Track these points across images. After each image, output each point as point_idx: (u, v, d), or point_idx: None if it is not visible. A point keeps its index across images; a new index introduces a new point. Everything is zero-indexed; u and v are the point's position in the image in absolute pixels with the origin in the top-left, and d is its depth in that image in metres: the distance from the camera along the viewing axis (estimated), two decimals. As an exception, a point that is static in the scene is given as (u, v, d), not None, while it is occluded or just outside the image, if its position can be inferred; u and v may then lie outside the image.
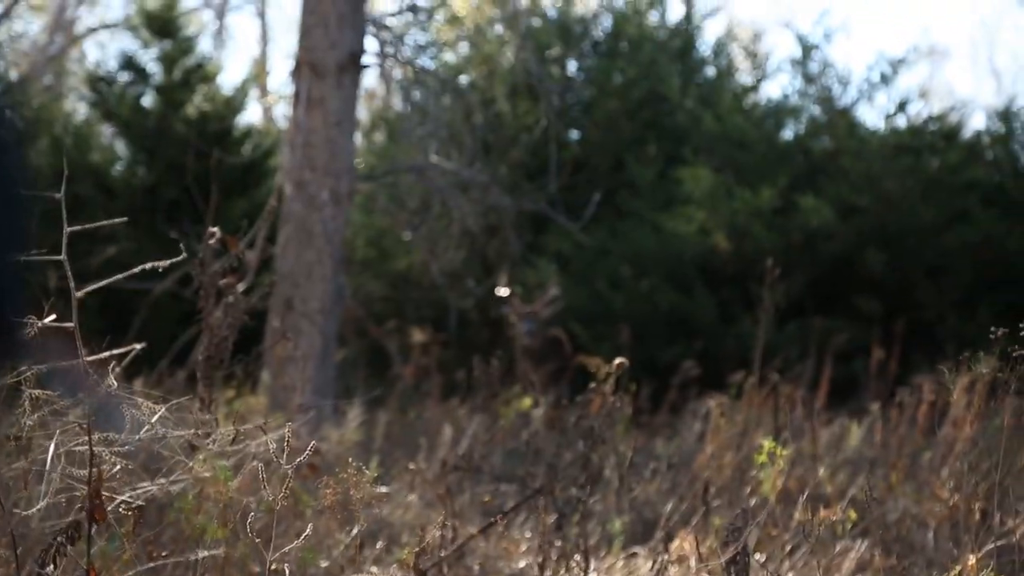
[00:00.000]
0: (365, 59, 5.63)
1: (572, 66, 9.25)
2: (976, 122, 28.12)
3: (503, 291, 6.75)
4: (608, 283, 7.89)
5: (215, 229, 4.05)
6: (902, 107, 8.30)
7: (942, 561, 3.50)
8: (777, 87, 24.53)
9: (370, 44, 5.82)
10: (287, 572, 2.37)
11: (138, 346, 1.61)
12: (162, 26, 8.85)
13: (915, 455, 4.28)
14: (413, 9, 6.13)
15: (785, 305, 6.11)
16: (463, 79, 8.42)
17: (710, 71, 9.36)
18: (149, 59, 8.95)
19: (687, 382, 6.02)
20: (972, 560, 3.29)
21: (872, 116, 21.99)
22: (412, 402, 6.32)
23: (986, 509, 3.78)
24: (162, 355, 5.28)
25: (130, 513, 2.50)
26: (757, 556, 3.36)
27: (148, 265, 1.59)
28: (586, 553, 2.97)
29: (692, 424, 4.40)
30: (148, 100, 8.92)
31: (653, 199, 8.30)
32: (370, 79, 13.81)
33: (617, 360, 4.39)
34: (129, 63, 8.93)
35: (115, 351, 1.57)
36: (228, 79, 32.39)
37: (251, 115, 26.76)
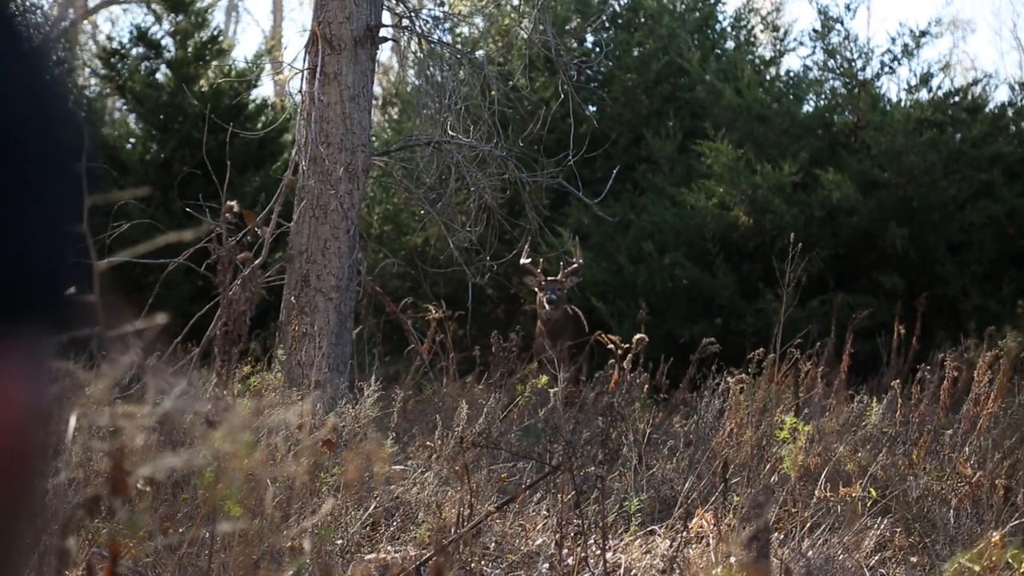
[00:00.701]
0: (381, 32, 5.57)
1: (590, 39, 9.16)
2: (1000, 95, 27.82)
3: (526, 261, 6.71)
4: (628, 258, 7.84)
5: (232, 203, 4.02)
6: (925, 80, 8.19)
7: (964, 539, 3.46)
8: (798, 60, 24.25)
9: (386, 17, 5.76)
10: (305, 549, 2.36)
11: (161, 320, 1.58)
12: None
13: (937, 432, 4.24)
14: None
15: (806, 281, 6.05)
16: (479, 52, 8.34)
17: (730, 44, 9.25)
18: (162, 33, 8.91)
19: (706, 358, 5.98)
20: (995, 537, 3.25)
21: (894, 89, 21.77)
22: (429, 379, 6.30)
23: (1009, 486, 3.75)
24: (176, 332, 5.27)
25: (148, 488, 2.48)
26: (777, 534, 3.33)
27: (172, 236, 1.55)
28: (604, 531, 2.94)
29: (711, 401, 4.35)
30: (161, 74, 8.89)
31: (673, 173, 8.23)
32: (384, 53, 13.75)
33: (636, 336, 4.37)
34: (142, 37, 8.90)
35: (136, 325, 1.54)
36: (242, 53, 32.38)
37: (265, 89, 26.71)
